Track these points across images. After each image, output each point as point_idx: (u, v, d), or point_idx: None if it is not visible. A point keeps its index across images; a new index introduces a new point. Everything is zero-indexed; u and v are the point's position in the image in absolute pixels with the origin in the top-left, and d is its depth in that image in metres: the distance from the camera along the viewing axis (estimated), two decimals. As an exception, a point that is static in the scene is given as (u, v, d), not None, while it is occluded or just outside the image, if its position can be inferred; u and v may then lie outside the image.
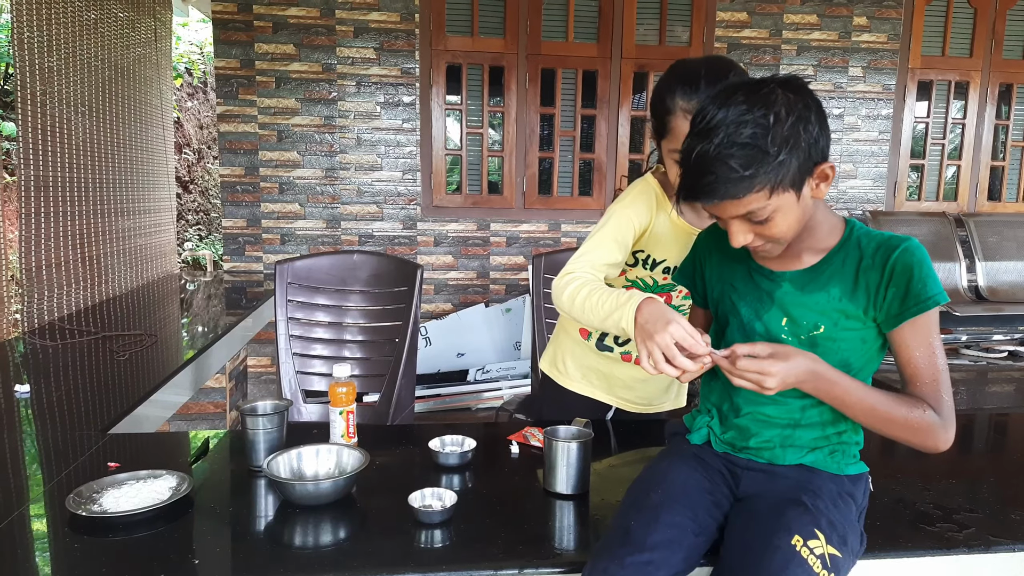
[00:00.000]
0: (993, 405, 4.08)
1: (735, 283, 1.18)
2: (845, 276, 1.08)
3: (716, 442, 1.19)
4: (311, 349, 2.14)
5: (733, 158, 0.96)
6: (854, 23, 4.73)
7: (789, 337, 1.11)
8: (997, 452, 1.74)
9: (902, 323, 1.05)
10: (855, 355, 1.10)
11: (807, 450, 1.13)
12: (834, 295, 1.08)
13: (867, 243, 1.09)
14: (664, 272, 1.53)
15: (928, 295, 1.02)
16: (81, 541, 1.11)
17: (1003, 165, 5.13)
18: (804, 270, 1.11)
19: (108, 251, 3.53)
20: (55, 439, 1.60)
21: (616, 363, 1.62)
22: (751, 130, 0.96)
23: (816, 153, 1.01)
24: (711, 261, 1.25)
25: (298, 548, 1.13)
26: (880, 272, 1.05)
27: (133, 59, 3.87)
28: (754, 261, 1.17)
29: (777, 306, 1.12)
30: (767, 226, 1.03)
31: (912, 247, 1.04)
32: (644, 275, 1.54)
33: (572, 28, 4.51)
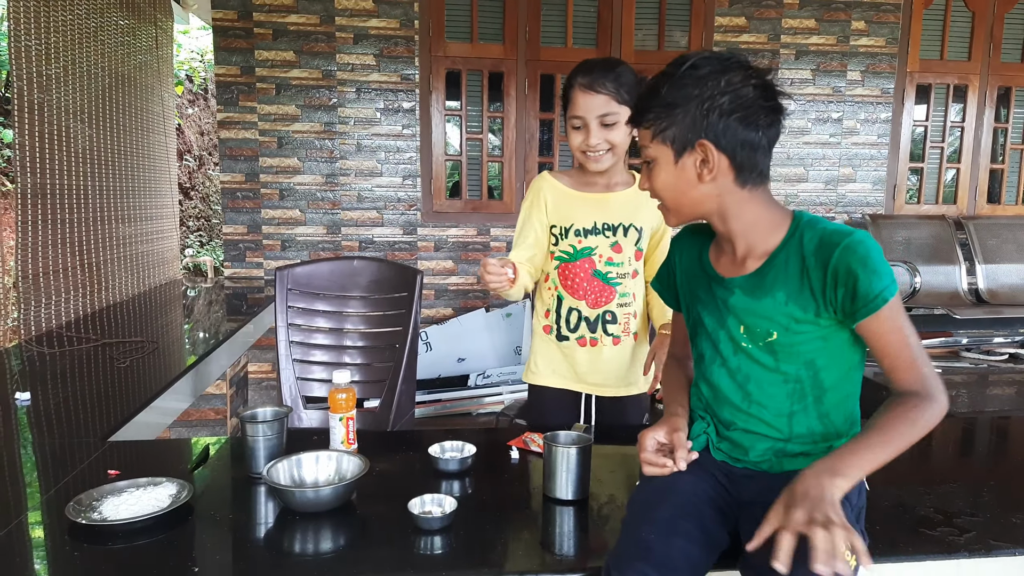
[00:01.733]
0: (994, 408, 4.07)
1: (699, 293, 1.18)
2: (789, 278, 1.05)
3: (714, 450, 1.19)
4: (311, 355, 2.14)
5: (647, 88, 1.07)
6: (852, 27, 4.74)
7: (750, 345, 1.09)
8: (998, 455, 1.74)
9: (859, 322, 1.02)
10: (820, 355, 1.07)
11: (802, 457, 1.12)
12: (780, 299, 1.05)
13: (809, 240, 1.04)
14: (576, 235, 1.69)
15: (876, 293, 0.98)
16: (81, 549, 1.11)
17: (1002, 168, 5.14)
18: (749, 275, 1.09)
19: (109, 258, 3.53)
20: (55, 447, 1.60)
21: (575, 348, 1.74)
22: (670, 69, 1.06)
23: (702, 128, 1.02)
24: (681, 266, 1.25)
25: (298, 555, 1.13)
26: (823, 273, 1.01)
27: (134, 67, 3.89)
28: (712, 270, 1.16)
29: (733, 314, 1.11)
30: (651, 175, 1.10)
31: (853, 244, 0.99)
32: (565, 246, 1.71)
33: (571, 34, 4.52)
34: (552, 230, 1.71)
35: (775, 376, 1.08)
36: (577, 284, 1.70)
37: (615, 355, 1.75)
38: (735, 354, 1.11)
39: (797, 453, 1.12)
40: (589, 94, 1.60)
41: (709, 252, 1.18)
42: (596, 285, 1.70)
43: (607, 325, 1.72)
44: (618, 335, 1.73)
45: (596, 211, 1.70)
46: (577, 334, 1.73)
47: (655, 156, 1.08)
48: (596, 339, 1.72)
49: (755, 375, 1.10)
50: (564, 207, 1.70)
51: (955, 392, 4.26)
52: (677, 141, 1.04)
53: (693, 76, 1.02)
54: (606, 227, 1.69)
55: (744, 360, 1.11)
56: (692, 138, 1.03)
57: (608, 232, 1.69)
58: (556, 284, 1.74)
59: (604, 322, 1.72)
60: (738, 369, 1.11)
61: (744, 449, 1.14)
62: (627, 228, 1.70)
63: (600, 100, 1.60)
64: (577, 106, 1.61)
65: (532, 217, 1.72)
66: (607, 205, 1.71)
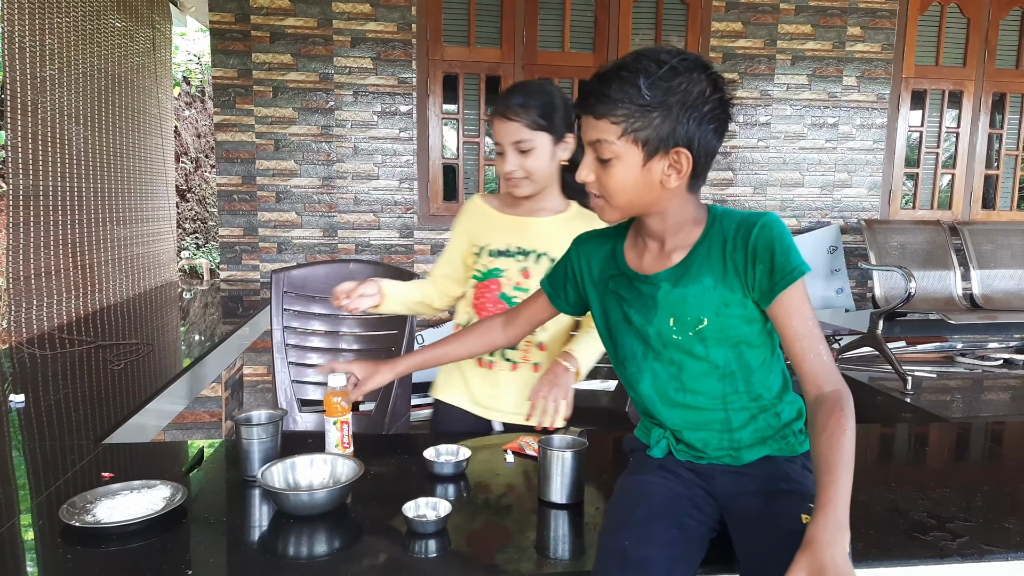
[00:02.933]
0: (988, 413, 4.08)
1: (620, 291, 1.18)
2: (713, 263, 1.09)
3: (677, 453, 1.19)
4: (307, 358, 2.14)
5: (614, 80, 1.01)
6: (848, 33, 4.77)
7: (679, 336, 1.11)
8: (992, 460, 1.74)
9: (775, 297, 1.04)
10: (746, 337, 1.10)
11: (759, 444, 1.14)
12: (707, 284, 1.09)
13: (728, 225, 1.09)
14: (489, 255, 1.70)
15: (792, 266, 1.02)
16: (74, 552, 1.11)
17: (997, 174, 5.16)
18: (675, 267, 1.12)
19: (104, 260, 3.53)
20: (49, 449, 1.60)
21: (472, 368, 1.72)
22: (645, 64, 1.00)
23: (683, 134, 1.02)
24: (589, 272, 1.24)
25: (292, 558, 1.13)
26: (744, 251, 1.06)
27: (131, 69, 3.88)
28: (631, 270, 1.17)
29: (661, 308, 1.12)
30: (605, 171, 1.06)
31: (770, 222, 1.05)
32: (480, 265, 1.71)
33: (568, 38, 4.53)
34: (472, 249, 1.72)
35: (705, 364, 1.11)
36: (483, 304, 1.69)
37: (511, 381, 1.70)
38: (665, 347, 1.13)
39: (752, 442, 1.14)
40: (503, 121, 1.59)
41: (624, 253, 1.19)
42: (501, 308, 1.66)
43: (506, 350, 1.68)
44: (516, 361, 1.70)
45: (512, 234, 1.68)
46: (490, 356, 1.70)
47: (619, 154, 1.04)
48: (492, 362, 1.69)
49: (687, 365, 1.12)
50: (484, 227, 1.71)
51: (950, 397, 4.28)
52: (650, 144, 1.02)
53: (674, 79, 1.00)
54: (519, 251, 1.67)
55: (675, 352, 1.12)
56: (669, 143, 1.02)
57: (520, 256, 1.67)
58: (470, 302, 1.74)
59: (505, 349, 1.68)
60: (670, 361, 1.13)
61: (700, 449, 1.16)
62: (540, 255, 1.66)
63: (513, 127, 1.58)
64: (495, 132, 1.62)
65: (454, 236, 1.75)
66: (524, 230, 1.68)
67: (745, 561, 1.04)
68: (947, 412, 3.69)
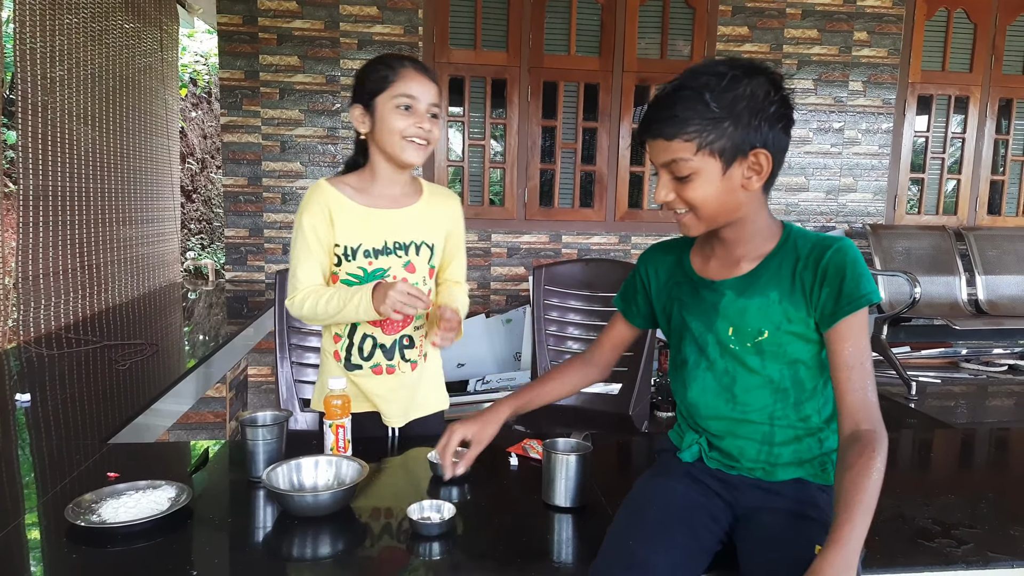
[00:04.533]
0: (993, 419, 4.06)
1: (683, 298, 1.20)
2: (782, 279, 1.10)
3: (707, 459, 1.20)
4: (310, 359, 2.14)
5: (679, 99, 1.02)
6: (854, 38, 4.76)
7: (737, 346, 1.12)
8: (998, 467, 1.74)
9: (837, 322, 1.05)
10: (803, 356, 1.10)
11: (795, 465, 1.14)
12: (773, 298, 1.09)
13: (802, 244, 1.10)
14: (366, 256, 1.53)
15: (861, 293, 1.03)
16: (79, 552, 1.11)
17: (1003, 179, 5.15)
18: (743, 276, 1.13)
19: (110, 260, 3.54)
20: (54, 449, 1.61)
21: (368, 377, 1.59)
22: (705, 80, 1.02)
23: (757, 137, 1.03)
24: (656, 281, 1.26)
25: (297, 560, 1.13)
26: (814, 272, 1.07)
27: (138, 70, 3.90)
28: (696, 274, 1.18)
29: (722, 316, 1.13)
30: (686, 187, 1.06)
31: (845, 247, 1.06)
32: (352, 268, 1.53)
33: (574, 41, 4.54)
34: (335, 250, 1.53)
35: (760, 377, 1.11)
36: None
37: (412, 380, 1.62)
38: (721, 356, 1.14)
39: (789, 461, 1.13)
40: (424, 79, 1.49)
41: (690, 259, 1.21)
42: None
43: (404, 351, 1.59)
44: (415, 359, 1.62)
45: (386, 229, 1.54)
46: (372, 362, 1.57)
47: (697, 168, 1.04)
48: (393, 367, 1.58)
49: (741, 377, 1.12)
50: (350, 224, 1.52)
51: (955, 403, 4.26)
52: (727, 152, 1.03)
53: (737, 87, 1.02)
54: (398, 246, 1.54)
55: (730, 362, 1.13)
56: (745, 148, 1.04)
57: (400, 252, 1.55)
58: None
59: (402, 347, 1.59)
60: (724, 372, 1.14)
61: (735, 456, 1.16)
62: (419, 246, 1.57)
63: (434, 89, 1.51)
64: (409, 85, 1.47)
65: (318, 234, 1.51)
66: (398, 222, 1.55)
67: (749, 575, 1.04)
68: (952, 418, 3.67)
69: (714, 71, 1.03)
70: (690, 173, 1.05)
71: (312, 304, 1.49)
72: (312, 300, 1.49)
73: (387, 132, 1.48)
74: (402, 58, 1.52)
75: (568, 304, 2.47)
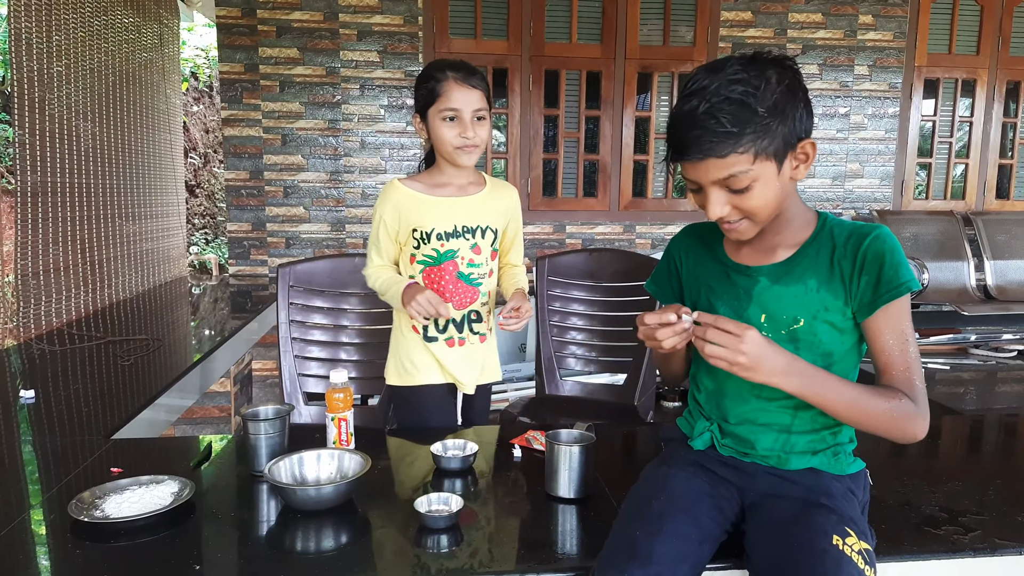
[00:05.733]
0: (1002, 405, 4.04)
1: (712, 283, 1.18)
2: (820, 266, 1.09)
3: (720, 447, 1.19)
4: (313, 352, 2.14)
5: (723, 113, 0.98)
6: (859, 21, 4.71)
7: (770, 333, 1.10)
8: (1006, 453, 1.72)
9: (875, 311, 1.05)
10: (836, 348, 1.10)
11: (810, 454, 1.13)
12: (811, 286, 1.09)
13: (839, 233, 1.09)
14: (438, 239, 1.70)
15: (900, 281, 1.03)
16: (83, 547, 1.11)
17: (1011, 163, 5.10)
18: (779, 263, 1.12)
19: (114, 256, 3.54)
20: (58, 444, 1.61)
21: (444, 348, 1.76)
22: (743, 88, 0.98)
23: (800, 128, 1.02)
24: (687, 263, 1.25)
25: (300, 553, 1.13)
26: (852, 260, 1.06)
27: (139, 64, 3.89)
28: (730, 260, 1.17)
29: (755, 302, 1.12)
30: (745, 197, 1.04)
31: (883, 235, 1.05)
32: (428, 250, 1.72)
33: (576, 29, 4.50)
34: (413, 234, 1.72)
35: None
36: (443, 286, 1.72)
37: (481, 351, 1.80)
38: None
39: (803, 450, 1.13)
40: (466, 88, 1.63)
41: (724, 245, 1.19)
42: (460, 287, 1.73)
43: (473, 324, 1.77)
44: (484, 332, 1.80)
45: (454, 214, 1.71)
46: (446, 335, 1.75)
47: (757, 176, 1.01)
48: (464, 339, 1.76)
49: None
50: (422, 212, 1.71)
51: (963, 389, 4.24)
52: (780, 151, 1.02)
53: (771, 84, 1.00)
54: (466, 230, 1.72)
55: None
56: (793, 141, 1.02)
57: (468, 234, 1.72)
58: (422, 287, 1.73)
59: (471, 321, 1.77)
60: None
61: (750, 442, 1.15)
62: (484, 230, 1.74)
63: (476, 95, 1.64)
64: (452, 98, 1.62)
65: (384, 221, 1.72)
66: (464, 208, 1.73)
67: (758, 562, 1.03)
68: (960, 405, 3.65)
69: (737, 76, 0.99)
70: (750, 183, 1.02)
71: (373, 281, 1.77)
72: (374, 278, 1.77)
73: (438, 141, 1.67)
74: (446, 67, 1.65)
75: (572, 295, 2.46)
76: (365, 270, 1.81)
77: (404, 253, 1.76)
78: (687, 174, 1.06)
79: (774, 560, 1.00)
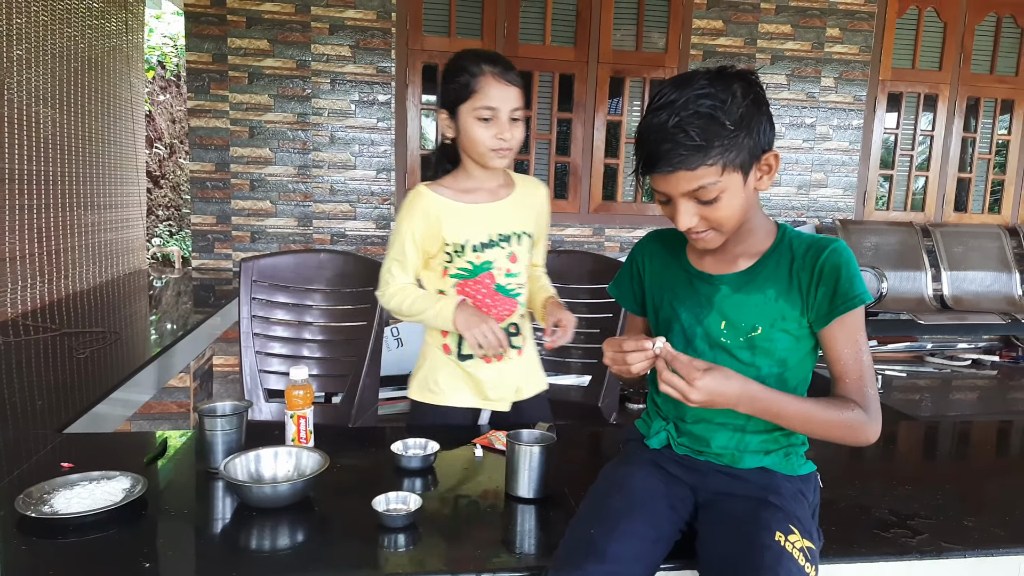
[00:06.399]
0: (956, 412, 4.15)
1: (676, 289, 1.21)
2: (779, 277, 1.12)
3: (676, 445, 1.20)
4: (275, 348, 2.11)
5: (692, 127, 1.00)
6: (827, 34, 4.80)
7: (728, 340, 1.13)
8: (958, 459, 1.77)
9: (831, 321, 1.08)
10: (791, 354, 1.13)
11: (762, 453, 1.16)
12: (770, 296, 1.12)
13: (798, 245, 1.13)
14: (473, 251, 1.58)
15: (855, 293, 1.06)
16: (30, 543, 1.09)
17: (970, 177, 5.24)
18: (740, 272, 1.15)
19: (71, 246, 3.46)
20: (6, 438, 1.56)
21: (480, 366, 1.64)
22: (711, 102, 1.00)
23: (764, 140, 1.05)
24: (651, 268, 1.27)
25: (255, 551, 1.11)
26: (811, 272, 1.09)
27: (102, 51, 3.80)
28: (693, 267, 1.20)
29: (716, 309, 1.15)
30: (713, 208, 1.06)
31: (840, 248, 1.09)
32: (462, 263, 1.60)
33: (549, 31, 4.52)
34: (445, 248, 1.59)
35: (748, 371, 1.12)
36: (479, 301, 1.60)
37: (519, 366, 1.68)
38: (711, 349, 1.15)
39: (756, 449, 1.15)
40: (504, 85, 1.49)
41: (687, 253, 1.21)
42: (498, 300, 1.61)
43: (512, 338, 1.64)
44: (520, 346, 1.68)
45: (489, 223, 1.59)
46: (482, 351, 1.58)
47: (725, 187, 1.03)
48: (502, 353, 1.61)
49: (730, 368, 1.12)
50: (455, 224, 1.57)
51: (919, 396, 4.34)
52: (746, 163, 1.04)
53: (736, 97, 1.02)
54: (501, 238, 1.59)
55: (720, 354, 1.14)
56: (758, 152, 1.05)
57: (503, 243, 1.60)
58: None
59: (509, 335, 1.63)
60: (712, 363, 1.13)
61: (705, 440, 1.17)
62: (520, 236, 1.62)
63: (514, 93, 1.51)
64: (489, 95, 1.48)
65: (415, 239, 1.60)
66: (498, 215, 1.60)
67: (706, 559, 1.05)
68: (916, 411, 3.74)
69: (705, 90, 1.01)
70: (718, 194, 1.04)
71: (399, 301, 1.61)
72: (399, 298, 1.61)
73: (470, 142, 1.53)
74: (482, 60, 1.50)
75: (538, 295, 2.46)
76: (383, 290, 1.63)
77: (433, 266, 1.63)
78: (657, 186, 1.08)
79: (720, 555, 1.03)
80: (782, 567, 0.96)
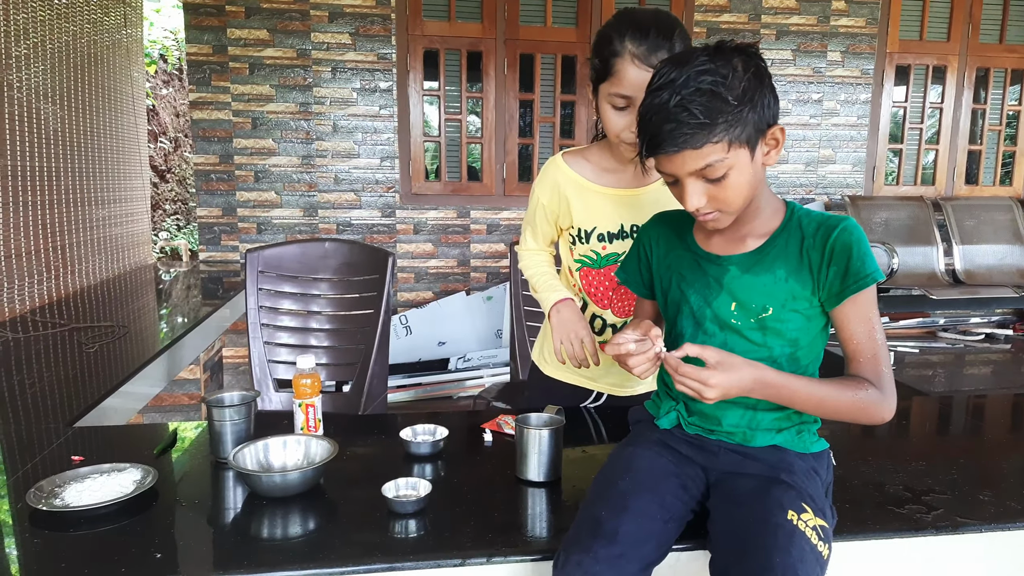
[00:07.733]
0: (969, 387, 4.13)
1: (683, 271, 1.19)
2: (789, 256, 1.10)
3: (687, 425, 1.19)
4: (283, 338, 2.11)
5: (695, 104, 0.98)
6: (832, 7, 4.73)
7: (739, 321, 1.12)
8: (972, 434, 1.75)
9: (843, 301, 1.07)
10: (802, 334, 1.12)
11: (774, 431, 1.15)
12: (780, 276, 1.10)
13: (807, 223, 1.11)
14: (599, 240, 1.49)
15: (866, 272, 1.05)
16: (42, 536, 1.09)
17: (980, 149, 5.18)
18: (749, 253, 1.13)
19: (78, 241, 3.46)
20: (19, 433, 1.57)
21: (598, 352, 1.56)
22: (712, 78, 0.99)
23: (769, 114, 1.04)
24: (657, 251, 1.26)
25: (266, 540, 1.11)
26: (821, 251, 1.08)
27: (103, 47, 3.79)
28: (701, 248, 1.18)
29: (725, 291, 1.13)
30: (721, 186, 1.04)
31: (850, 226, 1.07)
32: (586, 251, 1.52)
33: (550, 12, 4.47)
34: (570, 230, 1.50)
35: (760, 352, 1.11)
36: (602, 293, 1.53)
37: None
38: (722, 330, 1.14)
39: (768, 427, 1.14)
40: (645, 70, 1.26)
41: (694, 234, 1.20)
42: (622, 293, 1.52)
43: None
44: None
45: (623, 211, 1.46)
46: (601, 338, 1.53)
47: (732, 164, 1.02)
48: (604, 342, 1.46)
49: (739, 351, 1.11)
50: (586, 206, 1.46)
51: (931, 371, 4.31)
52: (752, 138, 1.02)
53: (737, 72, 1.00)
54: (633, 230, 1.46)
55: (731, 336, 1.13)
56: (763, 126, 1.03)
57: (635, 235, 1.46)
58: (579, 287, 1.57)
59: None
60: (723, 345, 1.13)
61: (716, 419, 1.16)
62: None
63: None
64: (626, 83, 1.30)
65: (545, 209, 1.53)
66: (636, 204, 1.46)
67: (717, 538, 1.04)
68: (929, 387, 3.72)
69: (705, 67, 0.99)
70: (726, 171, 1.02)
71: (525, 267, 1.61)
72: (526, 262, 1.61)
73: (604, 125, 1.40)
74: (627, 34, 1.30)
75: (545, 279, 2.45)
76: (518, 248, 1.63)
77: (564, 239, 1.55)
78: (662, 167, 1.06)
79: (731, 534, 1.02)
80: (795, 546, 0.95)
